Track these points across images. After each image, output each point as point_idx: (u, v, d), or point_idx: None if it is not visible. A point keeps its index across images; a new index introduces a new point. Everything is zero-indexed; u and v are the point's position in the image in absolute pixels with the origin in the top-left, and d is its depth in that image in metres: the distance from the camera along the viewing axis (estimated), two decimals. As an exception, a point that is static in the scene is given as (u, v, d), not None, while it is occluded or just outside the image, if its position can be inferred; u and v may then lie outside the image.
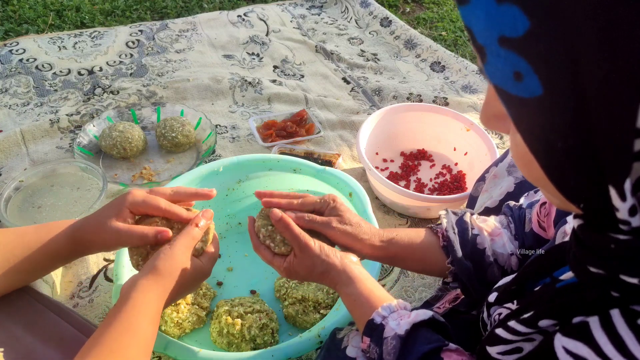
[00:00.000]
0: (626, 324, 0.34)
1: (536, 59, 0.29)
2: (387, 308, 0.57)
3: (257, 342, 0.83)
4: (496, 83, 0.32)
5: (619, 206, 0.30)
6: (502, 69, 0.31)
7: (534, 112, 0.31)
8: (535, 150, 0.33)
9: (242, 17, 2.01)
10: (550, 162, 0.33)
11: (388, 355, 0.53)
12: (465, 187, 1.28)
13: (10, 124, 1.39)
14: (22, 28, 1.84)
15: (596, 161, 0.30)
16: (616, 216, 0.31)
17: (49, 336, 0.59)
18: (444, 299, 0.85)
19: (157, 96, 1.53)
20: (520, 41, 0.29)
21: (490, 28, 0.30)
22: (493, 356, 0.47)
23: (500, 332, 0.46)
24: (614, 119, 0.28)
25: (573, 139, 0.30)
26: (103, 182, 1.09)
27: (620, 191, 0.30)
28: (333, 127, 1.48)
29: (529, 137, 0.33)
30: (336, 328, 0.67)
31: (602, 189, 0.31)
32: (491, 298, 0.56)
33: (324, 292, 0.90)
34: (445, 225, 0.72)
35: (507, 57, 0.30)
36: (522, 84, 0.30)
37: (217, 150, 1.37)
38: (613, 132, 0.28)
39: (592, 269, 0.36)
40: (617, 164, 0.29)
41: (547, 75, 0.29)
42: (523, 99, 0.31)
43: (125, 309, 0.56)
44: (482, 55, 0.32)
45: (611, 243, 0.33)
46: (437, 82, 1.73)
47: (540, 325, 0.42)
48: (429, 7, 2.28)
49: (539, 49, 0.29)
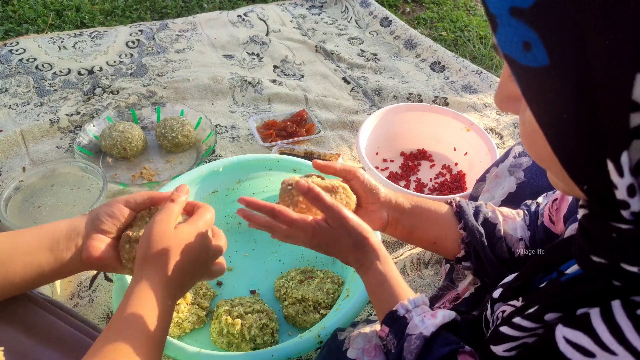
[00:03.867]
0: (625, 313, 0.34)
1: (544, 29, 0.31)
2: (412, 302, 0.56)
3: (257, 342, 0.83)
4: (506, 52, 0.33)
5: (618, 183, 0.31)
6: (512, 39, 0.32)
7: (542, 82, 0.32)
8: (542, 122, 0.34)
9: (242, 17, 2.00)
10: (556, 134, 0.34)
11: (410, 354, 0.52)
12: (465, 187, 1.28)
13: (10, 124, 1.39)
14: (22, 28, 1.84)
15: (597, 134, 0.31)
16: (616, 197, 0.32)
17: (47, 337, 0.59)
18: (444, 299, 0.85)
19: (157, 96, 1.53)
20: (529, 12, 0.31)
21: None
22: (499, 355, 0.47)
23: (505, 329, 0.46)
24: (613, 90, 0.29)
25: (577, 110, 0.31)
26: (103, 182, 1.09)
27: (618, 165, 0.31)
28: (333, 127, 1.48)
29: (536, 108, 0.34)
30: (338, 329, 0.67)
31: (602, 164, 0.32)
32: (495, 294, 0.55)
33: (323, 292, 0.90)
34: (459, 199, 0.73)
35: (517, 27, 0.32)
36: (531, 54, 0.31)
37: (217, 150, 1.37)
38: (612, 103, 0.29)
39: (595, 259, 0.36)
40: (614, 137, 0.30)
41: (553, 46, 0.30)
42: (531, 68, 0.32)
43: (128, 304, 0.53)
44: (494, 25, 0.33)
45: (613, 232, 0.34)
46: (437, 82, 1.73)
47: (546, 319, 0.42)
48: (429, 7, 2.28)
49: (547, 20, 0.30)
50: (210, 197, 1.03)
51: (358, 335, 0.62)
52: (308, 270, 0.97)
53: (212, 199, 1.03)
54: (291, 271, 0.98)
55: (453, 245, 0.71)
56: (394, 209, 0.70)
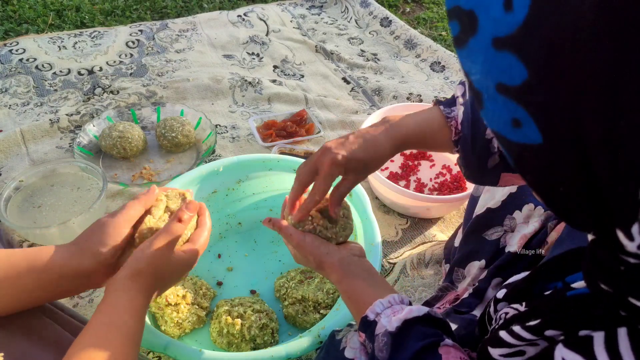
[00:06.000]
0: (630, 343, 0.33)
1: (535, 109, 0.28)
2: (380, 305, 0.57)
3: (257, 342, 0.83)
4: (494, 128, 0.31)
5: (627, 245, 0.29)
6: (500, 116, 0.30)
7: (534, 157, 0.30)
8: (538, 191, 0.32)
9: (242, 17, 2.00)
10: (554, 202, 0.32)
11: (380, 352, 0.53)
12: (465, 187, 1.28)
13: (10, 123, 1.39)
14: (22, 28, 1.84)
15: (601, 206, 0.29)
16: (625, 249, 0.30)
17: (44, 340, 0.59)
18: (444, 299, 0.85)
19: (157, 96, 1.53)
20: (518, 90, 0.28)
21: (488, 74, 0.29)
22: (494, 357, 0.47)
23: (504, 335, 0.46)
24: (618, 171, 0.27)
25: (575, 187, 0.29)
26: (103, 182, 1.09)
27: (628, 234, 0.29)
28: (333, 127, 1.48)
29: (531, 179, 0.32)
30: (335, 329, 0.67)
31: (610, 229, 0.30)
32: (499, 294, 0.55)
33: (323, 292, 0.90)
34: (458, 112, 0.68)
35: (505, 104, 0.29)
36: (521, 131, 0.29)
37: (217, 150, 1.37)
38: (616, 183, 0.27)
39: (602, 286, 0.35)
40: (623, 212, 0.28)
41: (546, 125, 0.28)
42: (522, 144, 0.30)
43: (107, 307, 0.55)
44: (479, 101, 0.31)
45: (621, 265, 0.32)
46: (437, 82, 1.73)
47: (546, 334, 0.42)
48: (429, 7, 2.28)
49: (538, 100, 0.28)
50: (210, 197, 1.03)
51: (355, 334, 0.63)
52: (308, 270, 0.97)
53: (212, 199, 1.03)
54: (291, 271, 0.98)
55: (445, 139, 0.67)
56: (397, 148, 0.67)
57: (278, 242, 1.08)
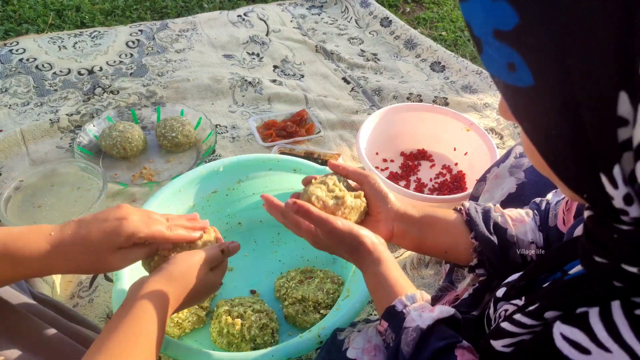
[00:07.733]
0: (623, 313, 0.35)
1: (527, 51, 0.31)
2: (410, 298, 0.57)
3: (257, 342, 0.83)
4: (493, 73, 0.35)
5: (613, 194, 0.32)
6: (497, 60, 0.33)
7: (529, 101, 0.33)
8: (533, 138, 0.35)
9: (242, 17, 2.00)
10: (548, 149, 0.35)
11: (407, 345, 0.53)
12: (465, 187, 1.28)
13: (10, 123, 1.39)
14: (22, 28, 1.84)
15: (588, 149, 0.32)
16: (614, 206, 0.33)
17: (34, 344, 0.58)
18: (444, 299, 0.85)
19: (157, 96, 1.53)
20: (511, 34, 0.32)
21: (486, 22, 0.33)
22: (497, 349, 0.47)
23: (506, 325, 0.46)
24: (599, 108, 0.30)
25: (565, 128, 0.32)
26: (103, 182, 1.09)
27: (611, 178, 0.32)
28: (333, 127, 1.48)
29: (526, 126, 0.35)
30: (337, 329, 0.67)
31: (596, 176, 0.32)
32: (499, 293, 0.55)
33: (323, 292, 0.90)
34: (467, 205, 0.71)
35: (501, 49, 0.33)
36: (516, 74, 0.33)
37: (217, 150, 1.37)
38: (599, 121, 0.30)
39: (597, 259, 0.37)
40: (604, 152, 0.31)
41: (537, 67, 0.31)
42: (517, 88, 0.33)
43: (133, 310, 0.55)
44: (479, 47, 0.34)
45: (614, 233, 0.35)
46: (437, 82, 1.73)
47: (546, 317, 0.43)
48: (429, 7, 2.28)
49: (529, 42, 0.31)
50: (211, 197, 1.03)
51: (358, 335, 0.62)
52: (308, 270, 0.97)
53: (212, 199, 1.03)
54: (291, 271, 0.98)
55: (465, 253, 0.69)
56: (402, 220, 0.69)
57: (278, 242, 1.08)
